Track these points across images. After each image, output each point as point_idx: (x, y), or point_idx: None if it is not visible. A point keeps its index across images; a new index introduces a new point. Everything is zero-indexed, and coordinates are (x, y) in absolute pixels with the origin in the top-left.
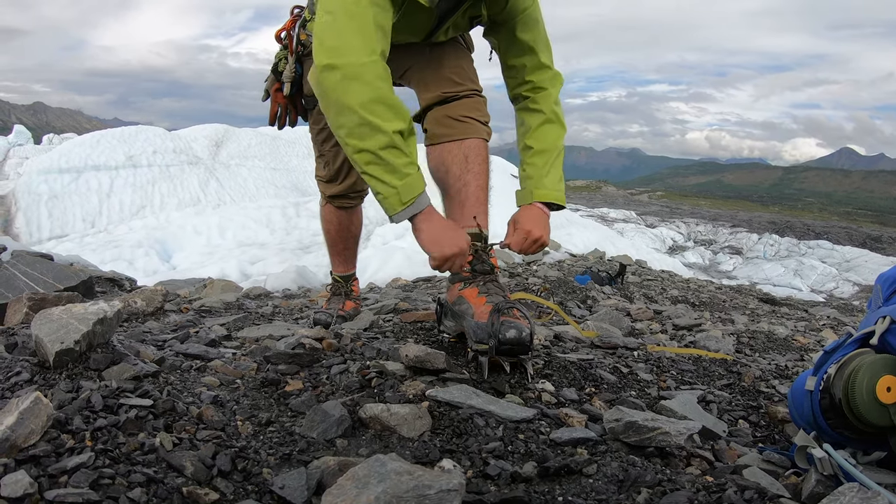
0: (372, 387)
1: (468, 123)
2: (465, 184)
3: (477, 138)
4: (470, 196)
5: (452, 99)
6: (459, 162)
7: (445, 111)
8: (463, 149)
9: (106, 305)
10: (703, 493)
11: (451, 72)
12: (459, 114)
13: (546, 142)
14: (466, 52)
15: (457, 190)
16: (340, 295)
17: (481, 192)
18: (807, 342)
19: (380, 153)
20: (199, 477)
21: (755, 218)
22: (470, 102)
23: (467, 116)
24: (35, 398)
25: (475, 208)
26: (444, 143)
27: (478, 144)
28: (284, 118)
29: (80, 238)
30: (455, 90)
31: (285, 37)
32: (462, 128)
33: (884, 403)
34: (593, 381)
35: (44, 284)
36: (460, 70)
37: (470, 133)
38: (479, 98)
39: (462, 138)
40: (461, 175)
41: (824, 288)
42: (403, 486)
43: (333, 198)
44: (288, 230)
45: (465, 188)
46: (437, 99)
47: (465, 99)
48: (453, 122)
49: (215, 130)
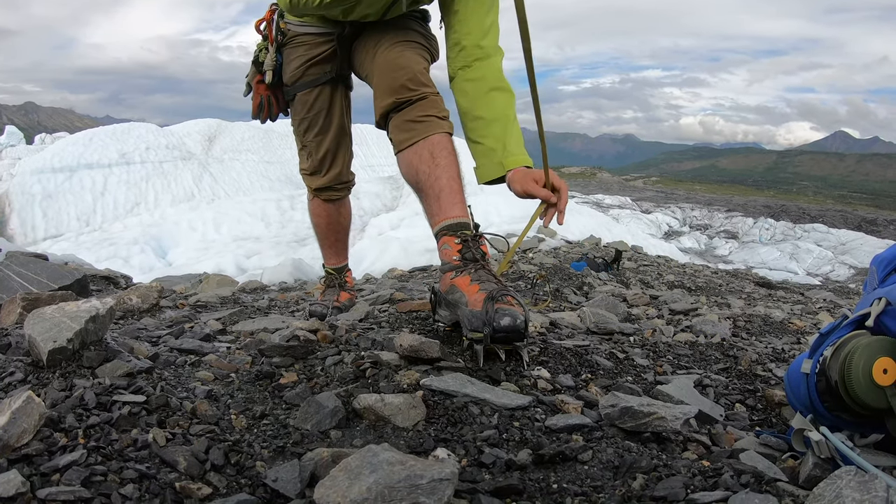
0: (366, 377)
1: (427, 122)
2: (436, 178)
3: (439, 133)
4: (444, 188)
5: (406, 104)
6: (427, 160)
7: (403, 117)
8: (428, 146)
9: (98, 303)
10: (699, 477)
11: (406, 79)
12: (417, 115)
13: (497, 109)
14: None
15: (429, 186)
16: (335, 287)
17: (454, 183)
18: (803, 325)
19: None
20: (192, 472)
21: (750, 202)
22: (425, 103)
23: (425, 115)
24: (27, 397)
25: (450, 198)
26: (409, 146)
27: (441, 139)
28: (267, 110)
29: (75, 237)
30: (408, 95)
31: (265, 27)
32: (422, 127)
33: (880, 385)
34: (589, 367)
35: (38, 284)
36: (413, 77)
37: (431, 130)
38: (433, 98)
39: (425, 136)
40: (431, 171)
41: (820, 271)
42: (395, 477)
43: (320, 190)
44: (283, 223)
45: (436, 182)
46: (392, 106)
47: (420, 101)
48: (413, 124)
49: (208, 125)
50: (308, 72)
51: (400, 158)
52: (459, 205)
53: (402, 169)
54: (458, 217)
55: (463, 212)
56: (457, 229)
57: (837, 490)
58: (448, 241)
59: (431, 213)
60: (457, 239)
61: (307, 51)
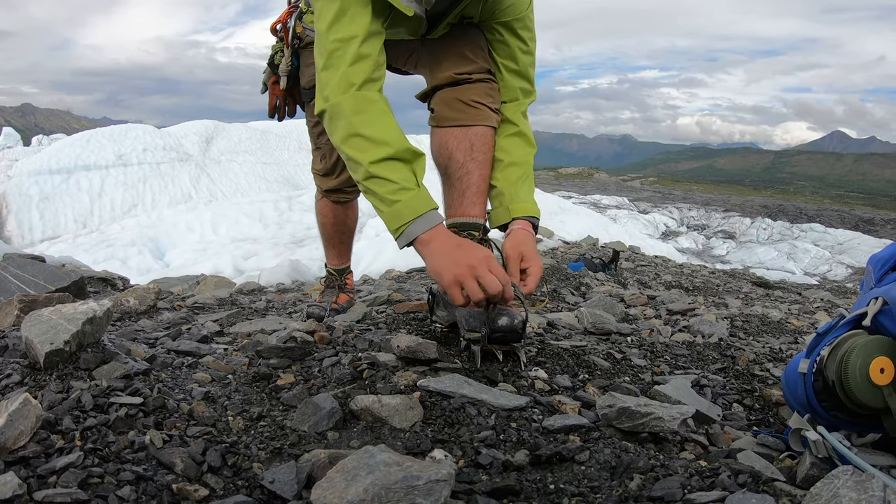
0: (363, 378)
1: (479, 109)
2: (467, 171)
3: (485, 126)
4: (472, 185)
5: (464, 81)
6: (465, 149)
7: (456, 93)
8: (469, 136)
9: (95, 305)
10: (696, 477)
11: (465, 47)
12: (470, 98)
13: (517, 154)
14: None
15: (458, 178)
16: (334, 288)
17: (483, 182)
18: (800, 325)
19: (364, 183)
20: (189, 473)
21: (747, 202)
22: (483, 87)
23: (478, 102)
24: (24, 400)
25: (475, 198)
26: (451, 127)
27: (485, 132)
28: (284, 110)
29: (73, 239)
30: (468, 70)
31: (280, 29)
32: (472, 113)
33: (877, 385)
34: (587, 367)
35: (35, 286)
36: (475, 47)
37: (479, 120)
38: (492, 83)
39: (471, 124)
40: (465, 163)
41: (817, 271)
42: (392, 478)
43: (329, 192)
44: (281, 224)
45: (466, 176)
46: (449, 80)
47: (479, 83)
48: (464, 105)
49: (205, 126)
50: None
51: (435, 133)
52: (480, 205)
53: (433, 145)
54: (473, 217)
55: (481, 213)
56: (465, 228)
57: (834, 489)
58: None
59: (450, 203)
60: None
61: None
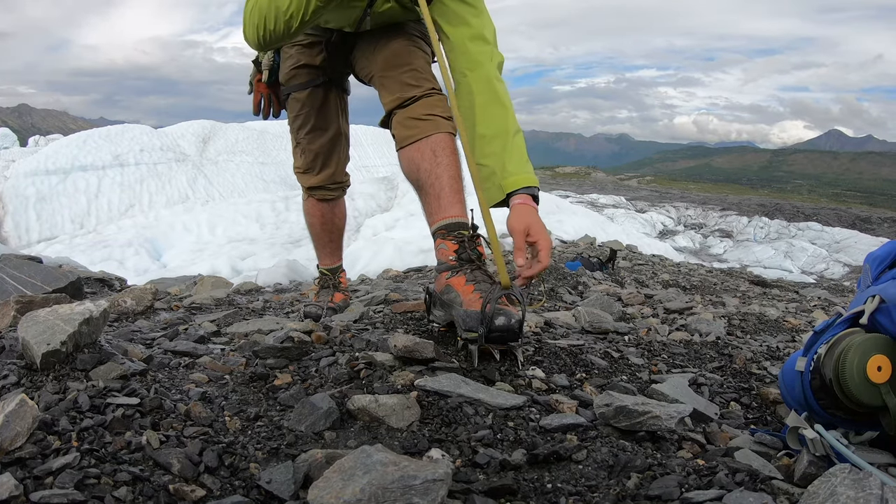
0: (361, 378)
1: (431, 120)
2: (437, 176)
3: (442, 133)
4: (444, 187)
5: (411, 101)
6: (429, 158)
7: (407, 114)
8: (430, 144)
9: (92, 305)
10: (693, 476)
11: (406, 76)
12: (421, 113)
13: (495, 125)
14: (420, 50)
15: (430, 184)
16: (329, 288)
17: (455, 182)
18: (798, 323)
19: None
20: (185, 474)
21: (744, 201)
22: (430, 101)
23: (429, 114)
24: (20, 400)
25: (451, 198)
26: (412, 143)
27: (444, 139)
28: (268, 107)
29: (70, 239)
30: (412, 94)
31: None
32: (425, 126)
33: (874, 383)
34: (584, 366)
35: (32, 287)
36: (415, 73)
37: (435, 129)
38: (438, 96)
39: (428, 135)
40: (432, 169)
41: (815, 269)
42: (389, 477)
43: (313, 189)
44: (278, 224)
45: (437, 181)
46: (397, 102)
47: (424, 99)
48: (416, 121)
49: (202, 127)
50: (299, 73)
51: (401, 155)
52: (459, 205)
53: (403, 165)
54: (456, 217)
55: (462, 212)
56: (454, 229)
57: (832, 487)
58: (444, 241)
59: (430, 211)
60: (453, 239)
61: (298, 53)
